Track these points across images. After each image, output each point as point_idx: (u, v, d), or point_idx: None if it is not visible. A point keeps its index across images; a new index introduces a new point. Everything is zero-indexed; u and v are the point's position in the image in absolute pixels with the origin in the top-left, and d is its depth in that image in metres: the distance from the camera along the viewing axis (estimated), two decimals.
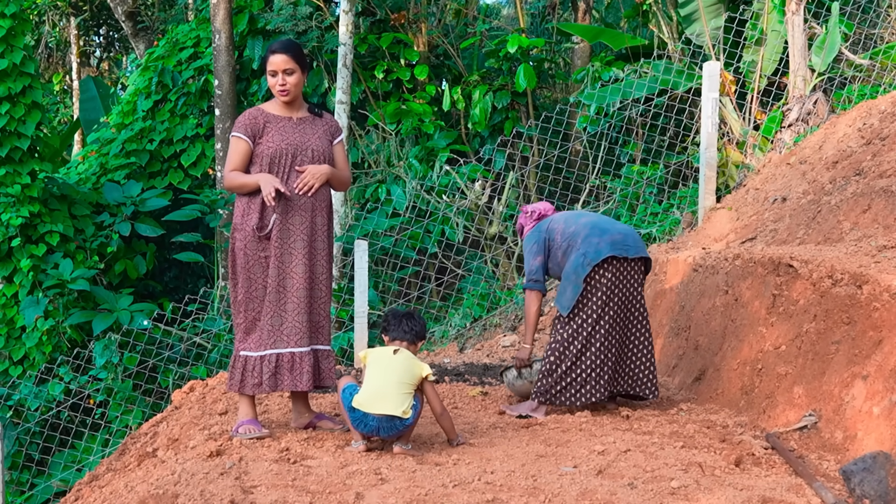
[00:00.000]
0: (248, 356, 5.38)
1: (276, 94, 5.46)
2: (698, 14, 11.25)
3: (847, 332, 5.07)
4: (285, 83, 5.41)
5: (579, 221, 6.05)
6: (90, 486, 5.78)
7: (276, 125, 5.43)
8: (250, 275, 5.38)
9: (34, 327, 11.12)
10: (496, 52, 13.49)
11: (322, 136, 5.52)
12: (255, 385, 5.34)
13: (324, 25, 13.56)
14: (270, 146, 5.37)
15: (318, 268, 5.45)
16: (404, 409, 4.97)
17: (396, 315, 5.30)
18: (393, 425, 4.99)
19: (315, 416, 5.66)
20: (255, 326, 5.38)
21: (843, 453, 4.73)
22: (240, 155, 5.40)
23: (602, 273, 5.83)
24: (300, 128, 5.48)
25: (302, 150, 5.42)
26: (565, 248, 5.97)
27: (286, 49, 5.43)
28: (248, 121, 5.42)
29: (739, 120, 10.62)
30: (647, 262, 6.01)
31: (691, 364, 6.75)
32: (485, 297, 10.71)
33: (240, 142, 5.39)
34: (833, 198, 7.74)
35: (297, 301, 5.36)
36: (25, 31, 11.91)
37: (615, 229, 5.96)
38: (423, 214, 11.40)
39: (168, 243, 13.39)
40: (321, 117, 5.60)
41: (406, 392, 5.02)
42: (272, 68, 5.41)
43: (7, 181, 11.29)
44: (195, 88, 14.03)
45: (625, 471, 4.58)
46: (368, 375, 5.07)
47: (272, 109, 5.50)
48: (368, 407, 4.96)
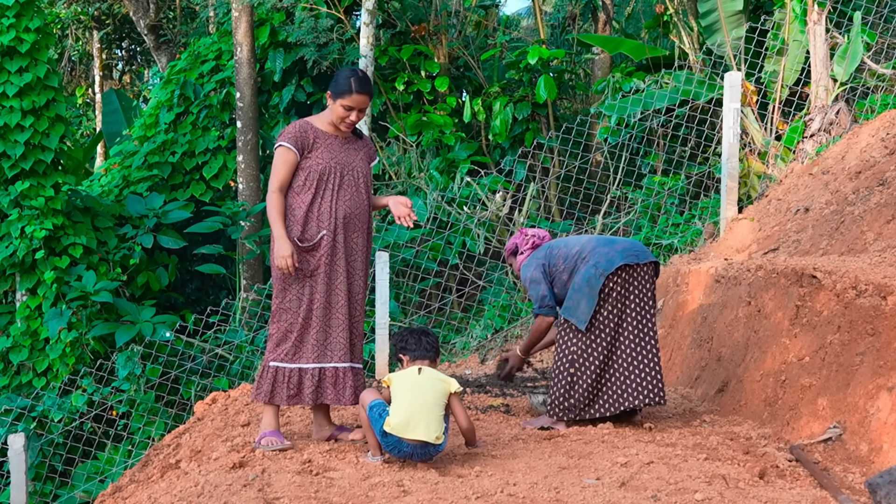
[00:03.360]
0: (278, 367, 5.42)
1: (339, 123, 5.49)
2: (719, 24, 11.22)
3: (871, 344, 5.03)
4: (355, 121, 5.49)
5: (581, 240, 6.06)
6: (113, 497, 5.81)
7: (324, 142, 5.49)
8: (285, 285, 5.45)
9: (57, 339, 11.17)
10: (516, 64, 13.50)
11: (364, 157, 5.63)
12: (291, 396, 5.40)
13: (345, 38, 13.60)
14: (320, 162, 5.44)
15: (356, 287, 5.54)
16: (437, 435, 4.94)
17: (414, 333, 5.28)
18: (426, 451, 4.97)
19: (336, 429, 5.68)
20: (286, 338, 5.43)
21: (869, 466, 4.70)
22: (287, 167, 5.44)
23: (616, 281, 5.81)
24: (346, 147, 5.55)
25: (349, 169, 5.51)
26: (571, 267, 5.94)
27: (369, 89, 5.48)
28: (298, 133, 5.46)
29: (761, 130, 10.58)
30: (657, 267, 5.99)
31: (714, 375, 6.72)
32: (506, 309, 10.69)
33: (288, 153, 5.43)
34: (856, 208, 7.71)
35: (341, 318, 5.46)
36: (49, 45, 12.00)
37: (620, 240, 6.01)
38: (444, 226, 11.40)
39: (190, 255, 13.44)
40: (361, 139, 5.69)
41: (440, 414, 4.99)
42: (351, 104, 5.42)
43: (31, 194, 11.36)
44: (217, 101, 14.09)
45: (648, 483, 4.56)
46: (399, 399, 5.01)
47: (321, 126, 5.55)
48: (403, 432, 4.92)
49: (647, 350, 5.85)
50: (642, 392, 5.81)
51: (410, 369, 5.12)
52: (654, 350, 5.87)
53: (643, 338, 5.86)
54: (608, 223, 10.96)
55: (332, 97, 5.47)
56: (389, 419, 4.95)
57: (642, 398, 5.81)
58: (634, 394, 5.82)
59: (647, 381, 5.82)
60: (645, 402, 5.83)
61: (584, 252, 5.93)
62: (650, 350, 5.85)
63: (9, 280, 11.64)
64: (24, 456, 8.25)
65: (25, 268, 11.40)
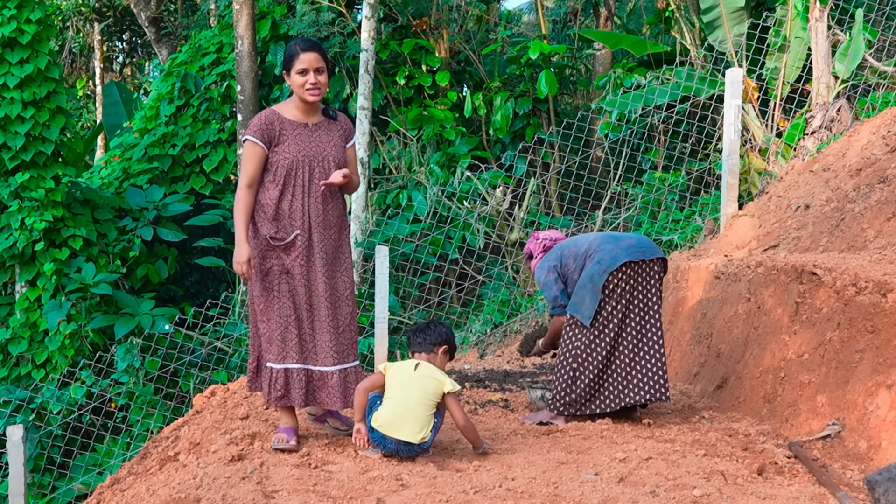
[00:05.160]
0: (272, 367, 5.29)
1: (303, 93, 5.23)
2: (721, 20, 11.21)
3: (871, 341, 5.03)
4: (316, 81, 5.22)
5: (589, 238, 6.08)
6: (112, 489, 5.81)
7: (291, 132, 5.27)
8: (266, 284, 5.29)
9: (57, 331, 11.18)
10: (518, 59, 13.49)
11: (337, 142, 5.37)
12: (279, 398, 5.25)
13: (346, 31, 13.59)
14: (287, 157, 5.22)
15: (341, 284, 5.34)
16: (422, 436, 4.93)
17: (415, 328, 5.29)
18: (410, 449, 4.98)
19: (327, 412, 5.59)
20: (272, 338, 5.26)
21: (868, 463, 4.70)
22: (255, 161, 5.23)
23: (620, 278, 5.80)
24: (315, 135, 5.32)
25: (318, 160, 5.27)
26: (581, 266, 5.95)
27: (315, 47, 5.26)
28: (263, 125, 5.24)
29: (762, 127, 10.58)
30: (664, 263, 5.98)
31: (713, 372, 6.72)
32: (505, 304, 10.70)
33: (255, 147, 5.23)
34: (857, 205, 7.70)
35: (323, 319, 5.25)
36: (50, 37, 12.00)
37: (627, 236, 5.99)
38: (444, 220, 11.40)
39: (190, 248, 13.43)
40: (336, 120, 5.44)
41: (427, 414, 4.97)
42: (302, 66, 5.20)
43: (31, 185, 11.37)
44: (217, 94, 14.08)
45: (646, 479, 4.57)
46: (389, 393, 5.03)
47: (288, 114, 5.31)
48: (388, 430, 4.94)
49: (651, 346, 5.85)
50: (644, 388, 5.81)
51: (408, 363, 5.12)
52: (658, 346, 5.86)
53: (646, 334, 5.85)
54: (608, 219, 10.95)
55: (287, 72, 5.26)
56: (377, 415, 4.98)
57: (643, 394, 5.81)
58: (636, 390, 5.82)
59: (649, 377, 5.82)
60: (647, 399, 5.83)
61: (591, 250, 5.95)
62: (654, 346, 5.85)
63: (8, 271, 11.64)
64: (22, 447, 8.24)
65: (25, 259, 11.40)
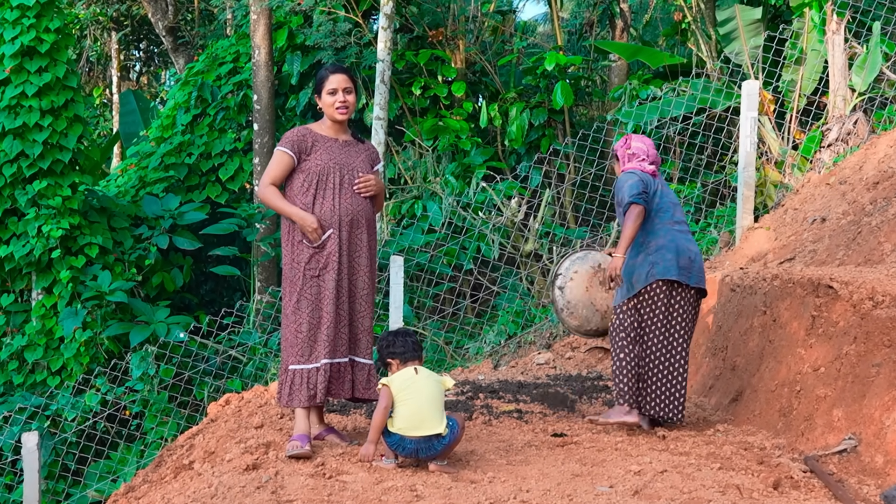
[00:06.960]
0: (296, 370, 5.45)
1: (333, 112, 5.59)
2: (737, 33, 11.20)
3: (888, 355, 5.01)
4: (345, 100, 5.57)
5: (668, 211, 6.02)
6: (126, 497, 5.82)
7: (323, 145, 5.59)
8: (295, 287, 5.50)
9: (72, 338, 11.22)
10: (533, 70, 13.50)
11: (365, 160, 5.69)
12: (312, 397, 5.42)
13: (362, 42, 13.62)
14: (319, 163, 5.52)
15: (360, 283, 5.59)
16: (445, 425, 4.98)
17: (399, 336, 5.31)
18: (431, 445, 4.98)
19: (325, 430, 5.67)
20: (300, 339, 5.46)
21: (884, 478, 4.68)
22: (280, 168, 5.56)
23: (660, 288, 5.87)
24: (346, 150, 5.64)
25: (349, 169, 5.58)
26: (654, 211, 5.95)
27: (344, 69, 5.66)
28: (296, 137, 5.58)
29: (778, 139, 10.55)
30: (702, 292, 6.04)
31: (728, 385, 6.70)
32: (520, 315, 10.69)
33: (284, 156, 5.55)
34: (874, 218, 7.68)
35: (343, 314, 5.50)
36: (69, 46, 12.07)
37: (687, 251, 5.94)
38: (459, 231, 11.40)
39: (205, 256, 13.46)
40: (363, 143, 5.78)
41: (441, 408, 5.05)
42: (332, 86, 5.55)
43: (48, 193, 11.42)
44: (234, 103, 14.13)
45: (661, 492, 4.55)
46: (400, 398, 5.04)
47: (320, 130, 5.66)
48: (409, 430, 4.96)
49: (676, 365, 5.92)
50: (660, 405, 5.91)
51: (407, 371, 5.14)
52: (682, 367, 5.93)
53: (671, 352, 5.93)
54: None
55: (317, 94, 5.63)
56: (394, 420, 5.01)
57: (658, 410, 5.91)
58: (652, 403, 5.92)
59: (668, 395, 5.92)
60: (660, 416, 5.93)
61: (657, 234, 5.93)
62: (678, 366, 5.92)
63: (25, 279, 11.70)
64: (37, 454, 8.29)
65: (41, 267, 11.45)
